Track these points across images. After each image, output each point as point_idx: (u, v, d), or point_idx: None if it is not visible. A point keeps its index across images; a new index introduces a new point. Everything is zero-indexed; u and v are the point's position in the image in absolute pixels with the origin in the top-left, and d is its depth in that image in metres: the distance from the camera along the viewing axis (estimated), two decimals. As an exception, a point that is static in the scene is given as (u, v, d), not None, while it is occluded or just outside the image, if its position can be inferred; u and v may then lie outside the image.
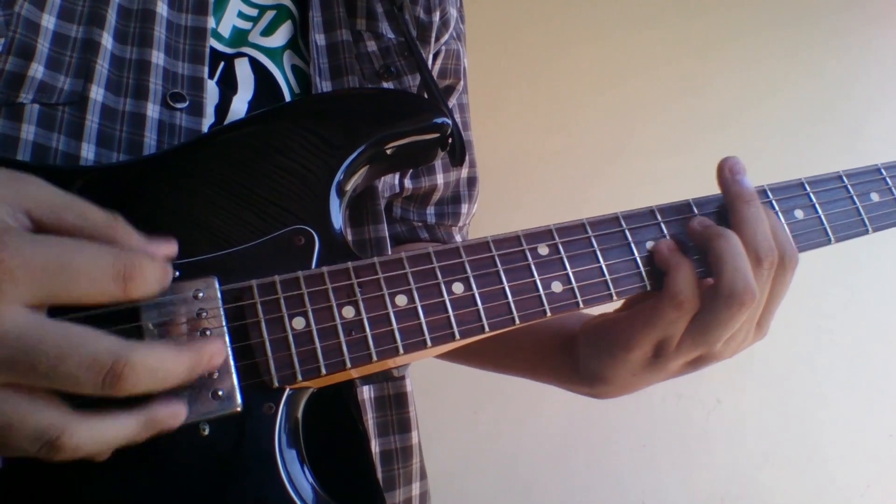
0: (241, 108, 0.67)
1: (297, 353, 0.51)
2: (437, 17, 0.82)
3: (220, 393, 0.48)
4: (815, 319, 1.98)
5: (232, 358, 0.49)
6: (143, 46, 0.63)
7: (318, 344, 0.52)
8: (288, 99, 0.71)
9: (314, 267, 0.55)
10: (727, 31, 2.12)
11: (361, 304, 0.53)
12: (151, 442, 0.45)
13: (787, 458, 2.04)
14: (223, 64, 0.69)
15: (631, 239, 0.61)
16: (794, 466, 2.04)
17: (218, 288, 0.51)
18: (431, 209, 0.89)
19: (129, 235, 0.46)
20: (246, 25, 0.71)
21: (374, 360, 0.52)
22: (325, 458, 0.53)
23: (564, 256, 0.59)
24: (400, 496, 0.74)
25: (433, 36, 0.82)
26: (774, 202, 0.66)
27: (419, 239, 0.88)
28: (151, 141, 0.61)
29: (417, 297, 0.55)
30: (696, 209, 0.64)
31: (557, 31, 2.01)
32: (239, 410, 0.49)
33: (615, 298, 0.60)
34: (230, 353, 0.50)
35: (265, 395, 0.50)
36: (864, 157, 0.75)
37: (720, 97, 2.08)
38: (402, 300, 0.54)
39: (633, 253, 0.61)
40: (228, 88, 0.68)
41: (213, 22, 0.68)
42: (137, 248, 0.46)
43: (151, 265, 0.44)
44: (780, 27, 2.14)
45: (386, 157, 0.62)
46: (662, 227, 0.63)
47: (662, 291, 0.59)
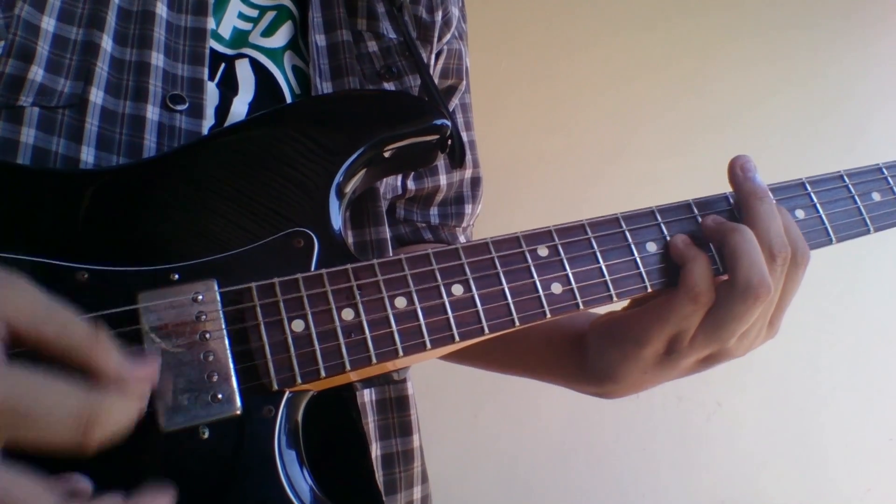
0: (241, 109, 0.67)
1: (296, 355, 0.51)
2: (439, 16, 0.82)
3: (219, 396, 0.48)
4: (815, 321, 1.97)
5: (231, 361, 0.49)
6: (142, 48, 0.62)
7: (317, 346, 0.51)
8: (289, 100, 0.71)
9: (313, 269, 0.54)
10: (728, 32, 2.12)
11: (361, 306, 0.53)
12: (150, 444, 0.45)
13: (787, 460, 2.03)
14: (224, 65, 0.68)
15: (631, 240, 0.61)
16: (794, 469, 2.04)
17: (217, 291, 0.51)
18: (435, 210, 0.89)
19: (106, 357, 0.43)
20: (246, 26, 0.71)
21: (373, 362, 0.52)
22: (325, 461, 0.53)
23: (564, 258, 0.59)
24: (401, 500, 0.74)
25: (435, 35, 0.82)
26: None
27: (423, 240, 0.88)
28: (151, 143, 0.61)
29: (417, 298, 0.55)
30: (696, 210, 0.64)
31: (558, 31, 2.01)
32: (238, 414, 0.49)
33: (615, 300, 0.60)
34: (230, 356, 0.49)
35: (265, 398, 0.50)
36: (864, 157, 0.75)
37: (721, 98, 2.08)
38: (401, 302, 0.54)
39: (633, 254, 0.61)
40: (229, 89, 0.67)
41: (213, 23, 0.68)
42: (113, 373, 0.42)
43: (119, 404, 0.41)
44: (780, 28, 2.14)
45: (386, 159, 0.62)
46: (663, 227, 0.63)
47: (678, 285, 0.59)
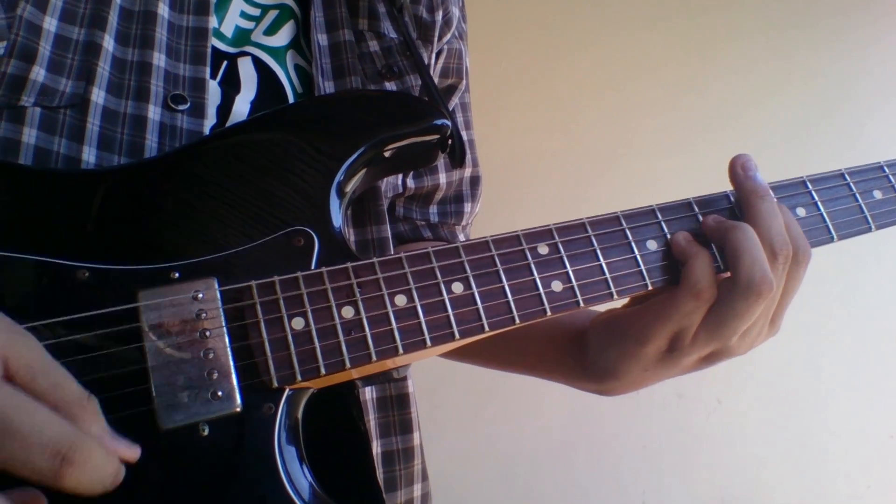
0: (243, 108, 0.67)
1: (296, 353, 0.51)
2: (439, 16, 0.82)
3: (219, 393, 0.48)
4: (816, 319, 1.97)
5: (231, 358, 0.50)
6: (144, 48, 0.63)
7: (317, 344, 0.52)
8: (291, 99, 0.71)
9: (313, 267, 0.55)
10: (727, 31, 2.12)
11: (361, 303, 0.53)
12: (151, 442, 0.45)
13: (787, 458, 2.03)
14: (226, 63, 0.69)
15: (631, 238, 0.61)
16: (794, 467, 2.04)
17: (217, 289, 0.51)
18: (434, 208, 0.89)
19: (93, 421, 0.42)
20: (248, 25, 0.71)
21: (373, 359, 0.52)
22: (325, 458, 0.53)
23: (564, 256, 0.59)
24: (401, 497, 0.74)
25: (436, 35, 0.82)
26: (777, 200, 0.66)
27: (422, 238, 0.88)
28: (153, 143, 0.61)
29: (417, 296, 0.55)
30: (696, 208, 0.64)
31: (558, 31, 2.00)
32: (238, 411, 0.49)
33: (615, 297, 0.60)
34: (230, 353, 0.50)
35: (265, 395, 0.50)
36: (865, 155, 0.75)
37: (721, 97, 2.08)
38: (401, 300, 0.54)
39: (633, 252, 0.61)
40: (231, 88, 0.67)
41: (215, 22, 0.68)
42: (95, 435, 0.41)
43: (101, 457, 0.40)
44: (780, 27, 2.14)
45: (386, 158, 0.62)
46: (663, 225, 0.63)
47: (680, 282, 0.59)
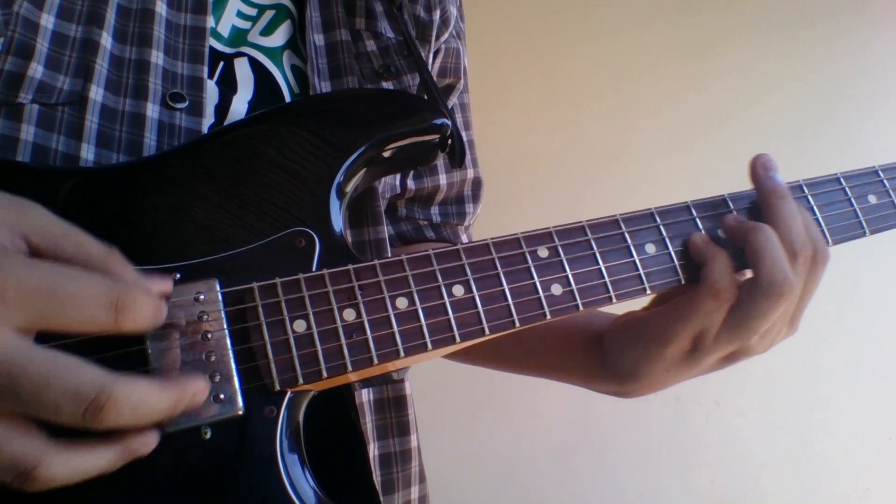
0: (240, 108, 0.67)
1: (298, 355, 0.51)
2: (437, 15, 0.82)
3: (221, 396, 0.48)
4: (814, 321, 1.98)
5: (233, 361, 0.49)
6: (142, 46, 0.62)
7: (319, 346, 0.51)
8: (288, 99, 0.71)
9: (314, 269, 0.54)
10: (726, 31, 2.12)
11: (362, 306, 0.53)
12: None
13: (785, 460, 2.04)
14: (222, 63, 0.68)
15: (630, 241, 0.61)
16: (792, 469, 2.04)
17: (219, 290, 0.51)
18: (436, 209, 0.89)
19: (124, 269, 0.45)
20: (245, 25, 0.71)
21: (375, 362, 0.52)
22: (322, 460, 0.53)
23: (564, 259, 0.59)
24: (399, 499, 0.74)
25: (433, 34, 0.82)
26: None
27: (425, 238, 0.88)
28: (151, 141, 0.60)
29: (418, 299, 0.55)
30: (694, 211, 0.64)
31: (557, 31, 2.01)
32: (240, 414, 0.49)
33: (615, 301, 0.60)
34: (231, 356, 0.49)
35: (266, 398, 0.50)
36: (862, 157, 0.76)
37: (719, 97, 2.08)
38: (402, 303, 0.54)
39: (632, 255, 0.61)
40: (228, 88, 0.67)
41: (212, 21, 0.68)
42: (132, 282, 0.45)
43: (146, 299, 0.43)
44: (778, 28, 2.15)
45: (386, 158, 0.62)
46: (661, 229, 0.63)
47: (700, 282, 0.60)
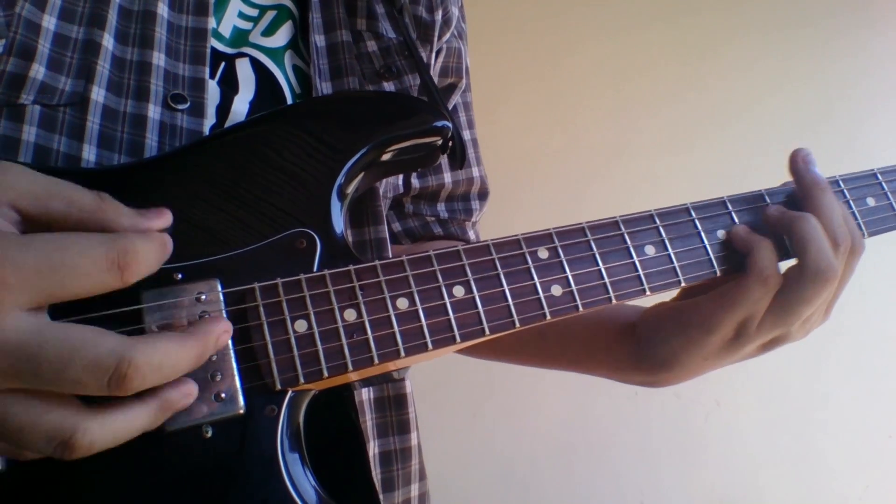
0: (242, 108, 0.67)
1: (299, 355, 0.51)
2: (439, 15, 0.82)
3: (222, 395, 0.48)
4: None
5: (234, 360, 0.50)
6: (143, 47, 0.62)
7: (319, 346, 0.52)
8: (289, 99, 0.71)
9: (316, 269, 0.55)
10: (726, 31, 2.12)
11: (363, 306, 0.53)
12: (153, 444, 0.45)
13: (785, 459, 2.04)
14: (224, 64, 0.68)
15: (630, 243, 0.62)
16: (792, 468, 2.04)
17: (220, 290, 0.51)
18: (442, 205, 0.90)
19: (118, 214, 0.45)
20: (246, 25, 0.71)
21: (375, 362, 0.52)
22: (321, 458, 0.53)
23: (564, 260, 0.60)
24: (399, 497, 0.74)
25: (435, 35, 0.82)
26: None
27: (433, 234, 0.89)
28: (153, 142, 0.61)
29: (418, 299, 0.55)
30: (693, 213, 0.65)
31: (557, 31, 2.01)
32: (241, 413, 0.49)
33: (614, 302, 0.61)
34: (233, 355, 0.50)
35: (267, 397, 0.51)
36: (861, 157, 0.76)
37: (719, 97, 2.08)
38: (403, 303, 0.55)
39: (631, 257, 0.62)
40: (229, 89, 0.67)
41: (213, 22, 0.68)
42: (129, 226, 0.45)
43: (145, 245, 0.44)
44: (778, 28, 2.15)
45: (387, 160, 0.62)
46: (661, 230, 0.63)
47: (747, 270, 0.62)
